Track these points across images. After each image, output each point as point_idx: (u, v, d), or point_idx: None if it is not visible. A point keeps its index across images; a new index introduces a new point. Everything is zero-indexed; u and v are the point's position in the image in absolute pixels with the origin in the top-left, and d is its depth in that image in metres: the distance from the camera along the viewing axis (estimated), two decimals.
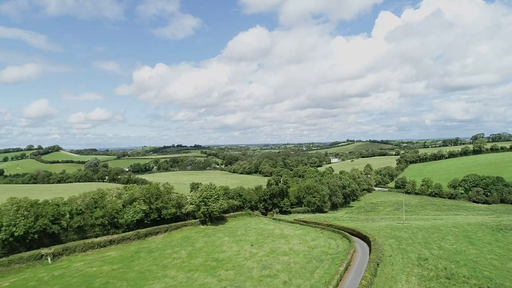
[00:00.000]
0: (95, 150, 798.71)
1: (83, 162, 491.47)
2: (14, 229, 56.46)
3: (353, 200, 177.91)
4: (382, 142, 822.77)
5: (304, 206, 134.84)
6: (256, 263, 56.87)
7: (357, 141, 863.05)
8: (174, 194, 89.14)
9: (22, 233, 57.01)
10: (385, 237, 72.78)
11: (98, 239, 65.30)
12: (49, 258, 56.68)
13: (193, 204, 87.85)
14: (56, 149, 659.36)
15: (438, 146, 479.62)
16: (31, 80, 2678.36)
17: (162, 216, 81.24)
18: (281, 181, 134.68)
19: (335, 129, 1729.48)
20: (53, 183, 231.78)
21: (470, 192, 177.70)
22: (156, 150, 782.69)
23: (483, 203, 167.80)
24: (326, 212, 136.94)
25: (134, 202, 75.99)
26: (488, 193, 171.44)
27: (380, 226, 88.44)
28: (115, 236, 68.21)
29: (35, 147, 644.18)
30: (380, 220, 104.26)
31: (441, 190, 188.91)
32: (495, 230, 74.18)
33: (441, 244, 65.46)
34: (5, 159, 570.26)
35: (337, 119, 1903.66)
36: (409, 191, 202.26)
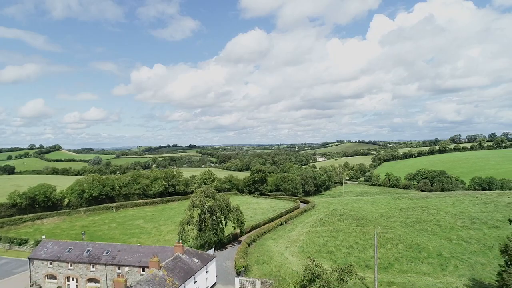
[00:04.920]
0: (91, 149, 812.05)
1: (85, 161, 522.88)
2: (92, 192, 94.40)
3: (325, 189, 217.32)
4: (370, 142, 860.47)
5: (281, 192, 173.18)
6: None
7: (346, 142, 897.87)
8: (183, 177, 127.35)
9: (96, 194, 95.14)
10: (322, 203, 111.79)
11: (139, 201, 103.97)
12: (113, 209, 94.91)
13: (196, 184, 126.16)
14: (57, 148, 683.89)
15: (419, 146, 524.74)
16: (30, 79, 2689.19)
17: (176, 191, 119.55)
18: (261, 170, 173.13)
19: (329, 130, 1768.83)
20: (71, 175, 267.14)
21: (419, 183, 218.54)
22: (152, 150, 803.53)
23: (428, 191, 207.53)
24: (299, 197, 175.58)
25: (157, 180, 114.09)
26: (433, 184, 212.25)
27: (326, 199, 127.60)
28: (148, 200, 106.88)
29: (37, 146, 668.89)
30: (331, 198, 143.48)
31: (398, 182, 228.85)
32: (394, 199, 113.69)
33: (353, 205, 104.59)
34: (9, 158, 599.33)
35: (331, 120, 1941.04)
36: (374, 183, 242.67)
